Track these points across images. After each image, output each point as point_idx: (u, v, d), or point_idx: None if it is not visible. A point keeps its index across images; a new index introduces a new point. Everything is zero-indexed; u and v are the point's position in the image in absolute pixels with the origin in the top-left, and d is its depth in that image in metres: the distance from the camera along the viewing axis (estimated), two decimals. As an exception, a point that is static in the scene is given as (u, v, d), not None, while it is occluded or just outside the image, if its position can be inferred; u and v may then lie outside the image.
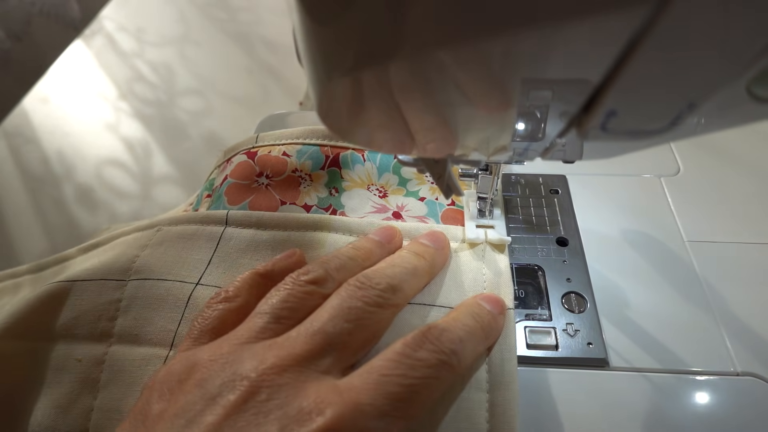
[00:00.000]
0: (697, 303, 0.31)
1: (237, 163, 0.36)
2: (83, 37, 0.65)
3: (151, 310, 0.29)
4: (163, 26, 0.66)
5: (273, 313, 0.24)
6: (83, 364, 0.28)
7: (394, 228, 0.31)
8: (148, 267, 0.30)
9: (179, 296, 0.29)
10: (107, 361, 0.28)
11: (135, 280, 0.30)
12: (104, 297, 0.29)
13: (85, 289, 0.30)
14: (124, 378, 0.27)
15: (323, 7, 0.13)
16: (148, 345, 0.28)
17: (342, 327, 0.23)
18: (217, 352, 0.22)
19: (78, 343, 0.29)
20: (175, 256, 0.31)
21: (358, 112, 0.16)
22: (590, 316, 0.30)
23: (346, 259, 0.27)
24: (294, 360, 0.21)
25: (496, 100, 0.15)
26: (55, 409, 0.27)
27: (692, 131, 0.17)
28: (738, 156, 0.40)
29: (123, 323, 0.29)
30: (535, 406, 0.27)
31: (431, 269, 0.29)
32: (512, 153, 0.22)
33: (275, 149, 0.37)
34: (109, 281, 0.30)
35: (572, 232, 0.35)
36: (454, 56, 0.13)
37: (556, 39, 0.12)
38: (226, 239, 0.31)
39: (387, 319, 0.25)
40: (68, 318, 0.29)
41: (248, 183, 0.35)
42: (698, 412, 0.26)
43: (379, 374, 0.21)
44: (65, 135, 0.53)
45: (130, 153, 0.51)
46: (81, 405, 0.27)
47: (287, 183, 0.35)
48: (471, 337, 0.24)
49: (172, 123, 0.54)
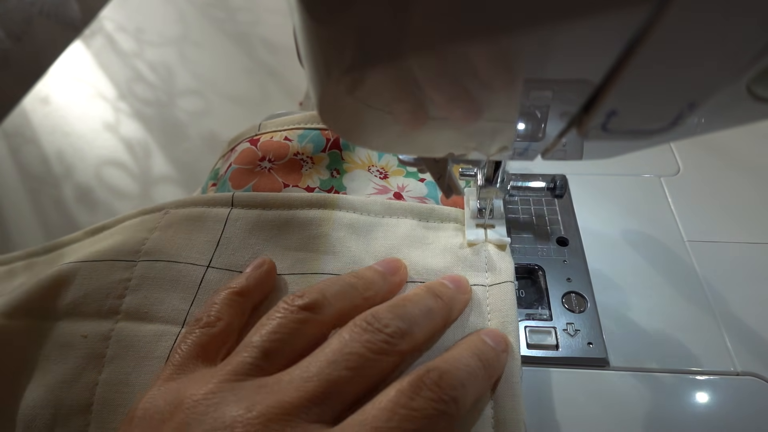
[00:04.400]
0: (697, 303, 0.31)
1: (240, 150, 0.37)
2: (83, 37, 0.65)
3: (163, 291, 0.29)
4: (162, 26, 0.66)
5: (262, 347, 0.22)
6: (89, 340, 0.28)
7: (399, 261, 0.29)
8: (158, 249, 0.31)
9: (191, 278, 0.30)
10: (113, 337, 0.28)
11: (145, 261, 0.30)
12: (113, 276, 0.30)
13: (94, 269, 0.30)
14: (134, 352, 0.27)
15: (323, 6, 0.13)
16: (159, 322, 0.28)
17: (339, 375, 0.21)
18: (201, 389, 0.21)
19: (84, 321, 0.29)
20: (184, 239, 0.31)
21: (359, 112, 0.16)
22: (590, 316, 0.30)
23: (346, 286, 0.26)
24: (283, 409, 0.20)
25: (497, 101, 0.15)
26: (59, 384, 0.27)
27: (692, 131, 0.17)
28: (738, 156, 0.40)
29: (131, 301, 0.29)
30: (535, 406, 0.27)
31: (448, 314, 0.26)
32: (512, 152, 0.22)
33: (277, 135, 0.37)
34: (118, 262, 0.30)
35: (572, 232, 0.35)
36: (453, 56, 0.13)
37: (556, 39, 0.12)
38: (233, 220, 0.32)
39: (391, 366, 0.23)
40: (75, 296, 0.29)
41: (251, 167, 0.36)
42: (698, 411, 0.26)
43: (372, 426, 0.19)
44: (65, 135, 0.53)
45: (129, 153, 0.51)
46: (85, 379, 0.27)
47: (289, 166, 0.36)
48: (473, 380, 0.22)
49: (171, 123, 0.54)
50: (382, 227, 0.32)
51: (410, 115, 0.16)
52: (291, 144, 0.37)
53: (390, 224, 0.32)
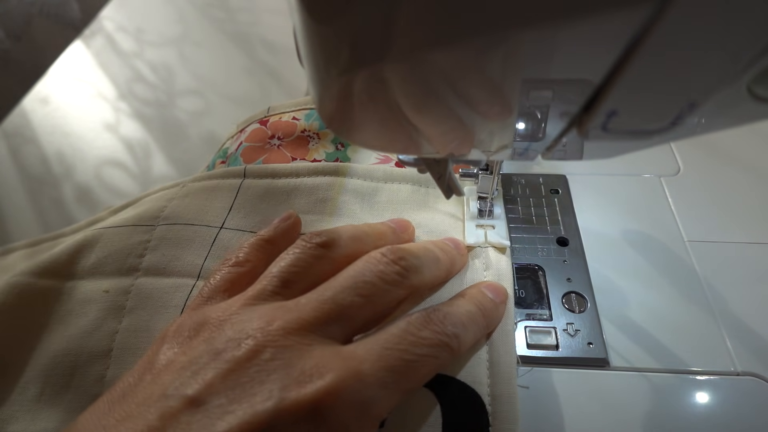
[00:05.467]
0: (697, 303, 0.31)
1: (251, 130, 0.40)
2: (83, 38, 0.65)
3: (180, 248, 0.32)
4: (162, 26, 0.66)
5: (281, 276, 0.24)
6: (110, 294, 0.30)
7: (408, 221, 0.32)
8: (176, 214, 0.34)
9: (206, 237, 0.32)
10: (133, 291, 0.30)
11: (164, 225, 0.33)
12: (134, 239, 0.32)
13: (116, 233, 0.33)
14: (153, 302, 0.30)
15: (324, 6, 0.13)
16: (176, 276, 0.31)
17: (352, 300, 0.23)
18: (227, 311, 0.23)
19: (106, 279, 0.31)
20: (200, 205, 0.34)
21: (358, 112, 0.16)
22: (590, 316, 0.30)
23: (360, 233, 0.27)
24: (300, 324, 0.21)
25: (497, 100, 0.15)
26: (81, 334, 0.29)
27: (692, 131, 0.17)
28: (738, 156, 0.40)
29: (151, 259, 0.31)
30: (535, 406, 0.27)
31: (451, 267, 0.29)
32: (513, 152, 0.22)
33: (285, 115, 0.40)
34: (139, 227, 0.33)
35: (572, 232, 0.35)
36: (453, 56, 0.13)
37: (556, 39, 0.12)
38: (245, 188, 0.35)
39: (399, 299, 0.25)
40: (98, 257, 0.32)
41: (261, 144, 0.39)
42: (698, 412, 0.26)
43: (383, 347, 0.21)
44: (65, 135, 0.53)
45: (129, 153, 0.51)
46: (106, 328, 0.29)
47: (297, 142, 0.39)
48: (473, 324, 0.25)
49: (171, 123, 0.54)
50: (385, 191, 0.35)
51: (412, 114, 0.16)
52: (298, 123, 0.39)
53: (392, 189, 0.35)
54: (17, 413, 0.27)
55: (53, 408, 0.27)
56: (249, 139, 0.39)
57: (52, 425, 0.26)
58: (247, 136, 0.40)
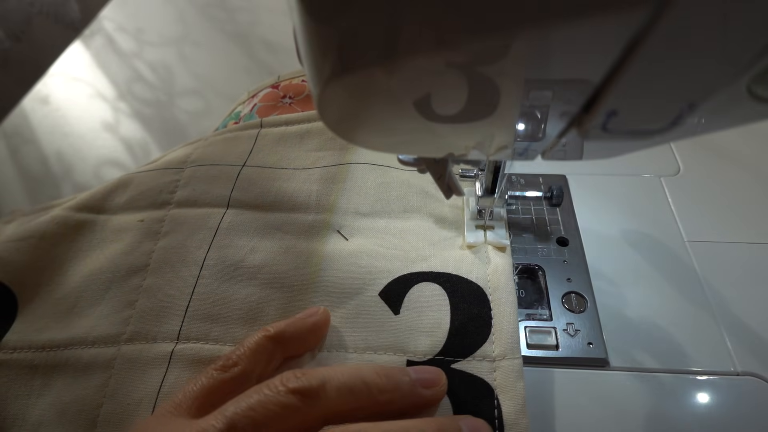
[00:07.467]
0: (697, 303, 0.31)
1: (263, 94, 0.44)
2: (83, 38, 0.65)
3: (208, 184, 0.35)
4: (162, 26, 0.66)
5: (231, 420, 0.20)
6: (145, 222, 0.33)
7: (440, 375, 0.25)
8: (202, 158, 0.38)
9: (230, 174, 0.36)
10: (168, 219, 0.34)
11: (191, 167, 0.37)
12: (165, 179, 0.36)
13: (146, 176, 0.36)
14: (188, 226, 0.33)
15: (323, 6, 0.13)
16: (207, 206, 0.34)
17: None
18: None
19: (139, 212, 0.34)
20: (223, 149, 0.38)
21: (358, 112, 0.16)
22: (590, 316, 0.30)
23: (358, 382, 0.22)
24: None
25: (497, 101, 0.15)
26: (118, 254, 0.32)
27: (692, 131, 0.17)
28: (738, 156, 0.40)
29: (182, 194, 0.35)
30: (535, 407, 0.27)
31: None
32: (512, 152, 0.22)
33: (295, 79, 0.45)
34: (168, 170, 0.37)
35: (572, 232, 0.35)
36: (453, 56, 0.13)
37: (556, 39, 0.12)
38: (263, 136, 0.39)
39: None
40: (131, 195, 0.35)
41: (274, 103, 0.43)
42: (698, 412, 0.26)
43: None
44: (64, 135, 0.53)
45: (129, 153, 0.51)
46: (143, 248, 0.32)
47: (307, 100, 0.42)
48: None
49: (171, 123, 0.54)
50: None
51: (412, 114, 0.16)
52: None
53: None
54: (48, 324, 0.30)
55: (84, 318, 0.30)
56: (263, 99, 0.43)
57: (81, 331, 0.29)
58: (260, 98, 0.44)
